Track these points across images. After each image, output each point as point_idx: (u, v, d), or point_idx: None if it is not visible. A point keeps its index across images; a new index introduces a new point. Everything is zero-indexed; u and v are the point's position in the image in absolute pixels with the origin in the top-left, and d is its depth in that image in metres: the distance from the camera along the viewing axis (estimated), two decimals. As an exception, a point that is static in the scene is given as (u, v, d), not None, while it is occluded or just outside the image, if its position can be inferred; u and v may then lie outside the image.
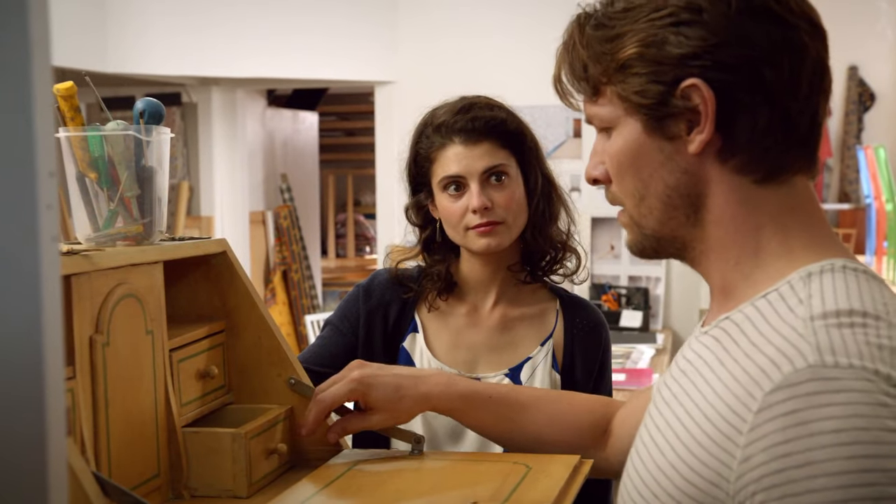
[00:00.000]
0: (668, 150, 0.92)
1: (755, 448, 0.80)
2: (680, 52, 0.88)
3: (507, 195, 1.63)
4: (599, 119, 0.97)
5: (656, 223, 0.96)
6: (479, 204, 1.60)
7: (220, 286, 1.33)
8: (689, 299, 4.80)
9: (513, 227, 1.64)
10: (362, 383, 1.30)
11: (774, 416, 0.79)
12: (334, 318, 1.73)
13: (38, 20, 0.57)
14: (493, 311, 1.70)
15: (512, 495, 1.11)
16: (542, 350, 1.67)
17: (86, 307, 1.05)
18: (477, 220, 1.61)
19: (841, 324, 0.82)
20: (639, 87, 0.91)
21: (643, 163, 0.94)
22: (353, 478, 1.22)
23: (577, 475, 1.21)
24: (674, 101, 0.89)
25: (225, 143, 5.81)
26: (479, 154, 1.62)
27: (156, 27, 4.91)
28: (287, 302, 6.62)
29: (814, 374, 0.79)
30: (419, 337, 1.69)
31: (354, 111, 8.79)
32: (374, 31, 5.23)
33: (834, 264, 0.89)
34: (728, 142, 0.90)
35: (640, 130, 0.93)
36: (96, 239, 1.16)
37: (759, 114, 0.89)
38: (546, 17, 5.03)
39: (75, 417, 1.02)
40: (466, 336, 1.69)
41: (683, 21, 0.88)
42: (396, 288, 1.72)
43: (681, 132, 0.91)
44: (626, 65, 0.91)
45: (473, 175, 1.62)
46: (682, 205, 0.94)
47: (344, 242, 9.19)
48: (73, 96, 1.15)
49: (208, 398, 1.30)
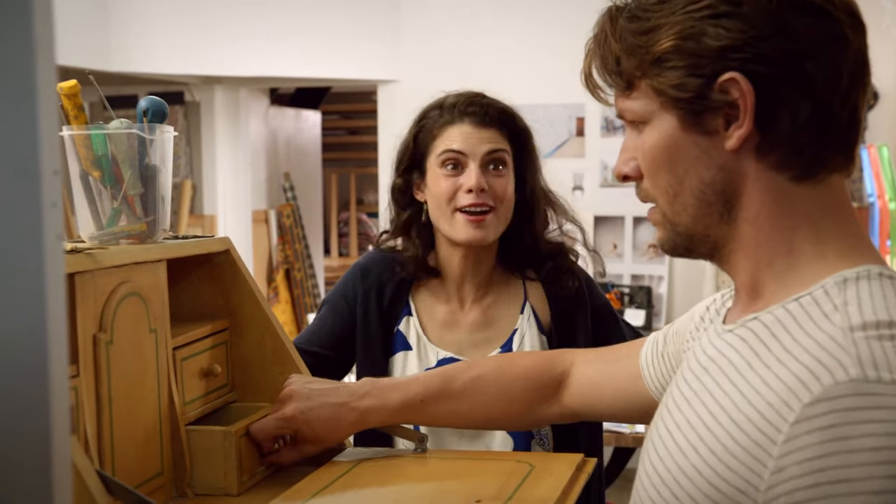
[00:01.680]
0: (704, 145, 0.90)
1: (789, 460, 0.78)
2: (719, 45, 0.86)
3: (503, 184, 1.65)
4: (632, 113, 0.95)
5: (690, 220, 0.93)
6: (476, 184, 1.61)
7: (223, 285, 1.33)
8: (692, 298, 4.80)
9: (501, 219, 1.65)
10: (295, 420, 1.26)
11: (812, 430, 0.77)
12: (331, 296, 1.74)
13: (42, 19, 0.58)
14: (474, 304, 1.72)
15: (515, 493, 1.11)
16: (524, 317, 1.70)
17: (89, 305, 1.05)
18: (471, 198, 1.61)
19: (881, 336, 0.80)
20: (676, 80, 0.89)
21: (678, 158, 0.92)
22: (356, 476, 1.22)
23: (581, 474, 1.21)
24: (712, 95, 0.87)
25: (228, 142, 5.81)
26: (485, 137, 1.65)
27: (159, 26, 4.91)
28: (290, 301, 6.62)
29: (855, 388, 0.77)
30: (413, 320, 1.70)
31: (357, 110, 8.78)
32: (377, 30, 5.23)
33: (870, 271, 0.87)
34: (767, 137, 0.88)
35: (675, 125, 0.91)
36: (100, 237, 1.16)
37: (800, 108, 0.86)
38: (548, 16, 5.03)
39: (79, 416, 1.02)
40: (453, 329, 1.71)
41: (722, 13, 0.86)
42: (392, 268, 1.73)
43: (718, 127, 0.89)
44: (662, 58, 0.89)
45: (476, 155, 1.64)
46: (717, 202, 0.91)
47: (347, 241, 9.19)
48: (77, 95, 1.15)
49: (211, 396, 1.30)
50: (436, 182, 1.65)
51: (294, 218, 6.79)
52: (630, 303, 4.84)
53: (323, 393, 1.29)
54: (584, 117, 4.99)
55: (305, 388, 1.29)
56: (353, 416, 1.28)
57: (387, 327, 1.69)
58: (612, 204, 4.96)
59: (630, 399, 1.25)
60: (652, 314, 4.73)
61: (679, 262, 4.89)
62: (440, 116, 1.68)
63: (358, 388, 1.32)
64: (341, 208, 9.20)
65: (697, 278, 4.81)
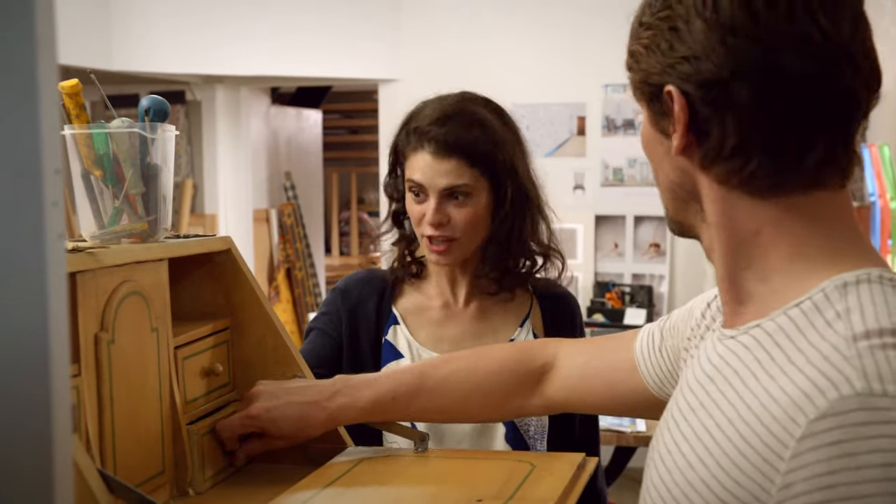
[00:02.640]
0: (666, 145, 0.93)
1: (797, 476, 0.77)
2: (665, 60, 0.90)
3: (466, 214, 1.61)
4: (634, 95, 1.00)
5: (672, 210, 0.98)
6: (432, 219, 1.61)
7: (224, 284, 1.34)
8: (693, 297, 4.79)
9: (468, 243, 1.64)
10: (262, 419, 1.26)
11: (818, 446, 0.76)
12: (316, 322, 1.74)
13: (43, 18, 0.58)
14: (467, 306, 1.71)
15: (516, 493, 1.11)
16: (523, 330, 1.70)
17: (91, 305, 1.05)
18: (430, 230, 1.62)
19: (885, 345, 0.79)
20: (637, 82, 0.94)
21: (651, 152, 0.97)
22: (356, 476, 1.22)
23: (582, 473, 1.21)
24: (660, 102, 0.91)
25: (229, 141, 5.81)
26: (444, 170, 1.60)
27: (160, 25, 4.91)
28: (291, 300, 6.62)
29: (861, 403, 0.76)
30: (401, 328, 1.70)
31: (358, 109, 8.78)
32: (378, 30, 5.23)
33: (870, 274, 0.86)
34: (703, 151, 0.90)
35: (648, 120, 0.96)
36: (101, 236, 1.16)
37: (727, 130, 0.88)
38: (549, 15, 5.03)
39: (80, 415, 1.02)
40: (446, 329, 1.70)
41: (676, 28, 0.89)
42: (372, 284, 1.73)
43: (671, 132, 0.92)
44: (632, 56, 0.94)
45: (434, 189, 1.61)
46: (687, 198, 0.94)
47: (347, 240, 9.19)
48: (78, 94, 1.15)
49: (213, 395, 1.30)
50: (408, 203, 1.66)
51: (295, 217, 6.79)
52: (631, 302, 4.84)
53: (291, 391, 1.29)
54: (584, 116, 4.99)
55: (273, 387, 1.29)
56: (323, 414, 1.28)
57: (374, 341, 1.70)
58: (613, 203, 4.96)
59: (623, 392, 1.25)
60: (653, 313, 4.73)
61: (680, 262, 4.89)
62: (408, 137, 1.66)
63: (329, 385, 1.31)
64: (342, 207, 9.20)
65: (699, 277, 4.81)
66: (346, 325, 1.70)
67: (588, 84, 4.93)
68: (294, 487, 1.18)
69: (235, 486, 1.26)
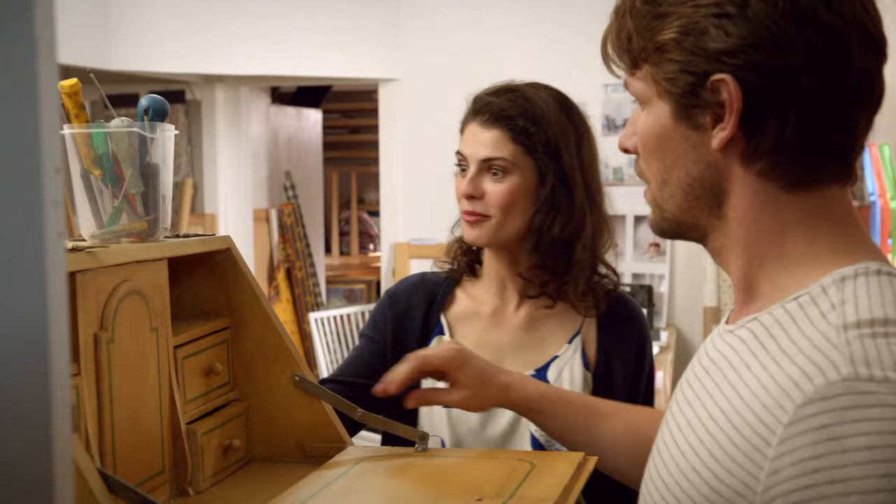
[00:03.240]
0: (693, 139, 0.90)
1: (784, 461, 0.77)
2: (716, 47, 0.85)
3: (501, 191, 1.57)
4: (634, 92, 0.95)
5: (677, 209, 0.94)
6: (464, 190, 1.59)
7: (224, 283, 1.33)
8: (694, 297, 4.80)
9: (501, 225, 1.58)
10: (462, 355, 1.33)
11: (805, 430, 0.77)
12: (366, 328, 1.71)
13: (43, 18, 0.57)
14: (518, 311, 1.65)
15: (516, 492, 1.11)
16: (570, 348, 1.61)
17: (90, 304, 1.05)
18: (464, 205, 1.60)
19: (875, 333, 0.79)
20: (671, 73, 0.89)
21: (668, 148, 0.92)
22: (356, 475, 1.22)
23: (582, 472, 1.21)
24: (702, 92, 0.87)
25: (229, 141, 5.81)
26: (485, 140, 1.58)
27: (160, 24, 4.91)
28: (291, 299, 6.62)
29: (847, 387, 0.76)
30: (446, 339, 1.65)
31: (358, 109, 8.79)
32: (379, 29, 5.23)
33: (868, 268, 0.86)
34: (753, 144, 0.87)
35: (668, 114, 0.91)
36: (101, 236, 1.16)
37: (788, 121, 0.85)
38: (549, 14, 5.03)
39: (80, 414, 1.02)
40: (492, 337, 1.65)
41: (727, 14, 0.85)
42: (422, 291, 1.69)
43: (706, 124, 0.89)
44: (663, 47, 0.89)
45: (474, 160, 1.59)
46: (705, 195, 0.91)
47: (348, 240, 9.19)
48: (78, 93, 1.15)
49: (212, 395, 1.30)
50: (455, 180, 1.65)
51: (295, 217, 6.79)
52: (631, 301, 4.83)
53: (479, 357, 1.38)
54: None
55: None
56: (501, 379, 1.34)
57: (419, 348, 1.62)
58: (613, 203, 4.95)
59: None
60: (653, 313, 4.73)
61: (680, 262, 4.89)
62: (469, 109, 1.64)
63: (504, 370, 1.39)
64: (342, 207, 9.20)
65: (699, 277, 4.81)
66: (391, 333, 1.66)
67: (588, 83, 4.93)
68: (294, 486, 1.18)
69: (235, 486, 1.26)
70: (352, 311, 5.58)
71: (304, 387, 1.34)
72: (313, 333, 5.30)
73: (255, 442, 1.36)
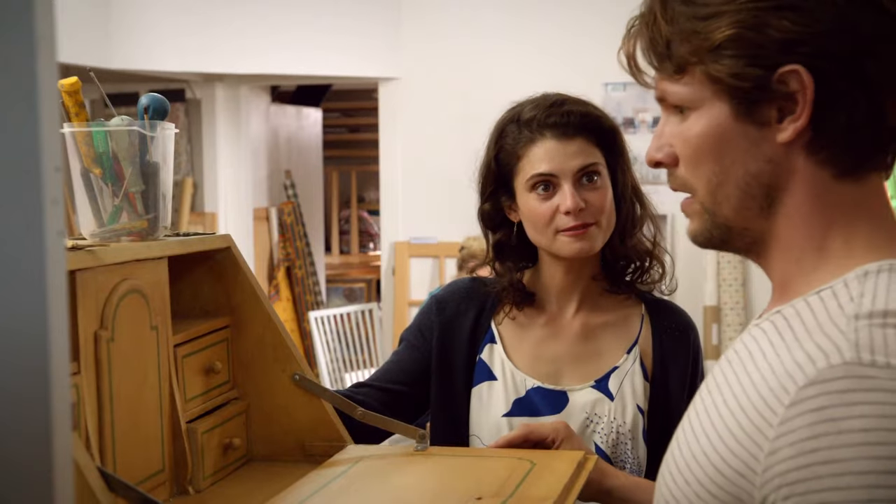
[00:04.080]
0: (754, 136, 0.89)
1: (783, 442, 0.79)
2: (782, 37, 0.85)
3: (601, 196, 1.54)
4: (679, 98, 0.93)
5: (731, 212, 0.92)
6: (573, 205, 1.50)
7: (224, 282, 1.33)
8: (694, 296, 4.80)
9: (605, 229, 1.55)
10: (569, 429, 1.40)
11: (804, 412, 0.78)
12: (408, 333, 1.67)
13: (43, 16, 0.58)
14: (574, 320, 1.61)
15: (516, 491, 1.11)
16: (629, 358, 1.58)
17: (90, 303, 1.05)
18: (570, 221, 1.51)
19: (886, 324, 0.80)
20: (735, 69, 0.87)
21: (726, 148, 0.91)
22: (356, 474, 1.22)
23: (582, 471, 1.21)
24: (770, 85, 0.86)
25: (229, 140, 5.81)
26: (572, 151, 1.53)
27: (160, 24, 4.91)
28: (291, 298, 6.62)
29: (848, 371, 0.77)
30: (497, 348, 1.60)
31: (358, 108, 8.78)
32: (379, 28, 5.23)
33: (893, 264, 0.86)
34: (819, 133, 0.87)
35: (727, 114, 0.90)
36: (101, 234, 1.16)
37: (857, 107, 0.85)
38: (549, 14, 5.03)
39: (80, 413, 1.02)
40: (548, 347, 1.60)
41: (786, 5, 0.85)
42: (472, 297, 1.64)
43: (771, 119, 0.88)
44: (721, 45, 0.88)
45: (567, 174, 1.52)
46: (760, 195, 0.90)
47: (348, 239, 9.19)
48: (78, 92, 1.15)
49: (213, 394, 1.30)
50: (529, 206, 1.55)
51: (295, 216, 6.79)
52: (631, 301, 4.83)
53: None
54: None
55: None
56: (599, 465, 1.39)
57: (468, 358, 1.61)
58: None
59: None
60: (653, 312, 4.73)
61: (681, 261, 4.87)
62: (520, 133, 1.56)
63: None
64: (342, 206, 9.20)
65: (699, 277, 4.81)
66: (437, 339, 1.61)
67: (588, 82, 4.93)
68: (293, 486, 1.18)
69: (235, 484, 1.26)
70: (352, 310, 5.58)
71: (304, 385, 1.34)
72: (313, 332, 5.30)
73: (254, 441, 1.36)
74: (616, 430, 1.53)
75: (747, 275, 4.83)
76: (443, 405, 1.60)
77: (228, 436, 1.30)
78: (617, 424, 1.53)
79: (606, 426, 1.53)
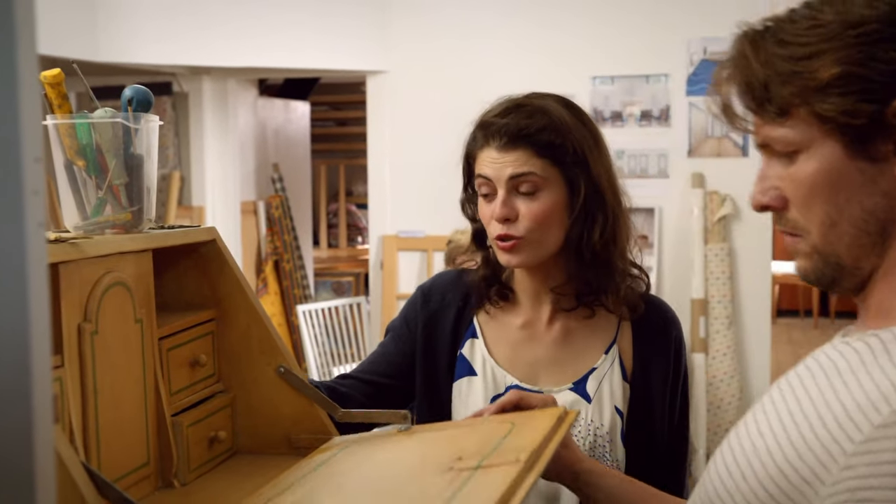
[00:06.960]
0: (870, 172, 0.88)
1: (862, 460, 0.79)
2: (891, 69, 0.85)
3: (535, 209, 1.50)
4: (786, 142, 0.92)
5: (845, 250, 0.92)
6: (498, 213, 1.50)
7: (209, 275, 1.33)
8: (681, 289, 4.81)
9: (539, 244, 1.52)
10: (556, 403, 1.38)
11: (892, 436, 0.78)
12: (394, 323, 1.67)
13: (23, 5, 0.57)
14: (550, 325, 1.59)
15: (496, 448, 1.11)
16: (607, 359, 1.57)
17: (74, 295, 1.04)
18: (498, 229, 1.51)
19: None
20: (846, 106, 0.87)
21: (840, 187, 0.89)
22: (340, 461, 1.22)
23: (562, 424, 1.21)
24: (886, 119, 0.86)
25: (216, 133, 5.79)
26: (509, 160, 1.50)
27: (147, 16, 4.88)
28: (279, 292, 6.61)
29: None
30: (479, 343, 1.60)
31: (346, 101, 8.77)
32: (366, 21, 5.21)
33: None
34: None
35: (839, 152, 0.89)
36: (85, 227, 1.15)
37: None
38: (537, 7, 5.02)
39: (64, 406, 1.01)
40: (525, 350, 1.59)
41: (888, 37, 0.85)
42: (456, 289, 1.64)
43: (888, 153, 0.87)
44: (829, 84, 0.87)
45: (501, 181, 1.51)
46: (875, 231, 0.90)
47: (336, 232, 9.18)
48: (61, 83, 1.14)
49: (198, 387, 1.30)
50: (479, 207, 1.57)
51: (283, 209, 6.78)
52: (619, 294, 4.84)
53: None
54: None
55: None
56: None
57: (450, 353, 1.61)
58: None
59: None
60: (640, 305, 4.74)
61: (668, 254, 4.90)
62: (475, 135, 1.56)
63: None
64: (330, 199, 9.19)
65: (686, 270, 4.82)
66: (422, 331, 1.62)
67: (575, 76, 4.93)
68: (279, 477, 1.18)
69: (221, 477, 1.26)
70: (340, 304, 5.57)
71: (289, 379, 1.33)
72: (301, 326, 5.29)
73: (240, 434, 1.35)
74: (594, 433, 1.53)
75: (735, 268, 4.84)
76: (426, 397, 1.61)
77: (214, 429, 1.29)
78: (594, 427, 1.53)
79: (584, 429, 1.53)
